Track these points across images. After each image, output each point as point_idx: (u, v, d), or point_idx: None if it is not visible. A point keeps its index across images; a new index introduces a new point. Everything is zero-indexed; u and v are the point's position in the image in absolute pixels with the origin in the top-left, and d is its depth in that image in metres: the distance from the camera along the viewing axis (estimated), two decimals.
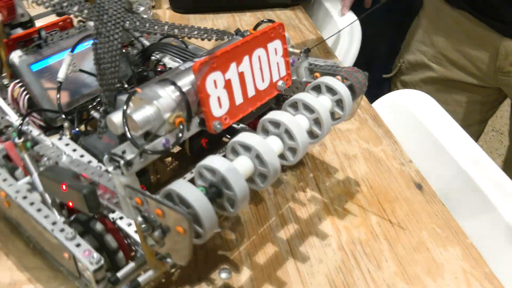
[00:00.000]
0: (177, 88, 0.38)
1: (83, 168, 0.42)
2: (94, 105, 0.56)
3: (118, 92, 0.44)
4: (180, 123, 0.37)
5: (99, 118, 0.48)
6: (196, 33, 0.50)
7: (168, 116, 0.37)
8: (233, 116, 0.40)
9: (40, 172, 0.42)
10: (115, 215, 0.46)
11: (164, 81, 0.39)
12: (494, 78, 0.91)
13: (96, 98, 0.57)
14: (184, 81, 0.39)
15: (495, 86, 0.94)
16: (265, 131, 0.43)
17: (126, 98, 0.37)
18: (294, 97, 0.45)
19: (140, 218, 0.36)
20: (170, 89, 0.38)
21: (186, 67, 0.43)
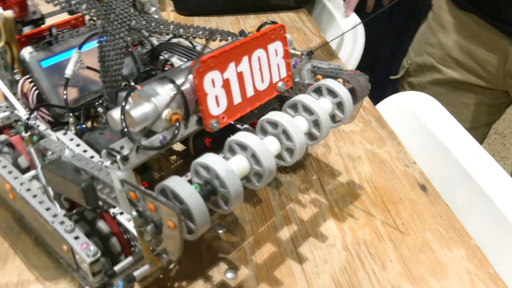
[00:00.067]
0: (175, 86, 0.39)
1: (84, 163, 0.42)
2: (101, 102, 0.57)
3: (120, 89, 0.45)
4: (176, 120, 0.37)
5: (100, 114, 0.49)
6: (201, 33, 0.50)
7: (165, 113, 0.37)
8: (231, 115, 0.41)
9: (42, 165, 0.43)
10: (115, 210, 0.47)
11: (164, 79, 0.39)
12: (502, 81, 0.90)
13: (103, 95, 0.58)
14: (183, 79, 0.40)
15: (503, 89, 0.93)
16: (263, 131, 0.43)
17: (125, 94, 0.38)
18: (294, 98, 0.45)
19: (134, 213, 0.37)
20: (168, 87, 0.39)
21: (187, 65, 0.43)
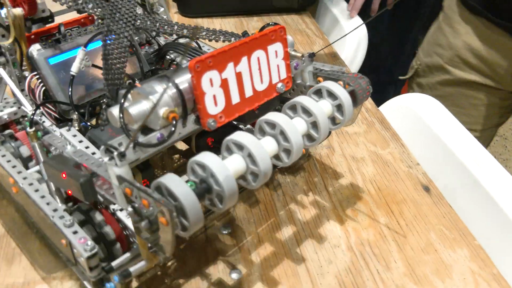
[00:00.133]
0: (174, 84, 0.39)
1: (85, 159, 0.43)
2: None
3: (122, 87, 0.46)
4: (173, 119, 0.38)
5: (101, 111, 0.50)
6: (204, 34, 0.51)
7: (163, 111, 0.38)
8: (228, 114, 0.41)
9: (44, 160, 0.44)
10: (115, 206, 0.47)
11: (163, 77, 0.40)
12: (511, 83, 0.90)
13: None
14: (182, 78, 0.40)
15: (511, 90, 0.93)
16: (261, 131, 0.44)
17: (124, 92, 0.38)
18: (293, 99, 0.45)
19: (130, 208, 0.37)
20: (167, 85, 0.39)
21: (187, 65, 0.44)
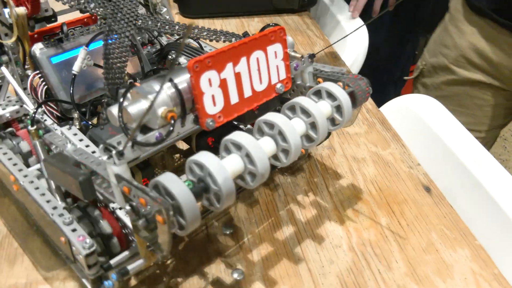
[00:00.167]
0: (172, 84, 0.39)
1: (84, 157, 0.43)
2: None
3: (122, 86, 0.46)
4: (171, 118, 0.38)
5: (102, 110, 0.50)
6: (205, 34, 0.51)
7: (161, 110, 0.38)
8: (227, 114, 0.41)
9: (44, 159, 0.44)
10: (115, 204, 0.48)
11: (162, 77, 0.40)
12: None
13: None
14: (181, 78, 0.40)
15: None
16: (260, 131, 0.44)
17: (124, 91, 0.38)
18: (292, 100, 0.45)
19: (128, 207, 0.37)
20: (166, 85, 0.39)
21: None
